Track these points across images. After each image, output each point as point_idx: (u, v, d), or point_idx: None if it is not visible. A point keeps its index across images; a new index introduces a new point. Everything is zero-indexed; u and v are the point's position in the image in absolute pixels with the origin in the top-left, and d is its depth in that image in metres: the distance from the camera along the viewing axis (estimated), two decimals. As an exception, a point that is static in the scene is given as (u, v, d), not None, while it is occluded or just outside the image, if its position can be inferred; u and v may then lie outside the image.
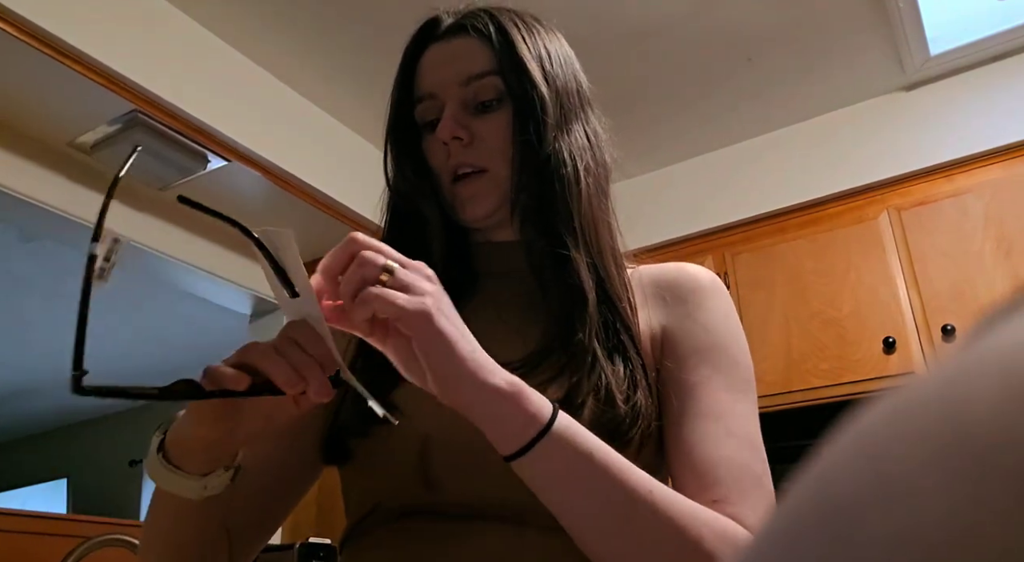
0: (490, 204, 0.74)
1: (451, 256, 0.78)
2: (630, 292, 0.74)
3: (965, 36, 2.56)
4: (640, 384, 0.66)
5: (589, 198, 0.74)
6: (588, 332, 0.66)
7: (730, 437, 0.66)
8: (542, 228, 0.72)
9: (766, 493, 0.65)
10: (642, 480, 0.56)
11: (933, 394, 0.15)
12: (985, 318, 0.18)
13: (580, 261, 0.70)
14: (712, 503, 0.62)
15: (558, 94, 0.76)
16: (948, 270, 2.45)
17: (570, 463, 0.54)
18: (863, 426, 0.16)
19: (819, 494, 0.15)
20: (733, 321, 0.77)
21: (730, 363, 0.72)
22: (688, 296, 0.75)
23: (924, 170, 2.64)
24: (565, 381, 0.64)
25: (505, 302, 0.75)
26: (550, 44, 0.80)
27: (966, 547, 0.12)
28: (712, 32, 2.51)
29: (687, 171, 3.15)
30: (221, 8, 2.36)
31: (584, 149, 0.75)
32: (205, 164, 2.45)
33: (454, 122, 0.73)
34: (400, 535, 0.65)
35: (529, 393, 0.54)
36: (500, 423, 0.53)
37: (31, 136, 2.28)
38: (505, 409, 0.53)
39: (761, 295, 2.75)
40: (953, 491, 0.13)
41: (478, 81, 0.74)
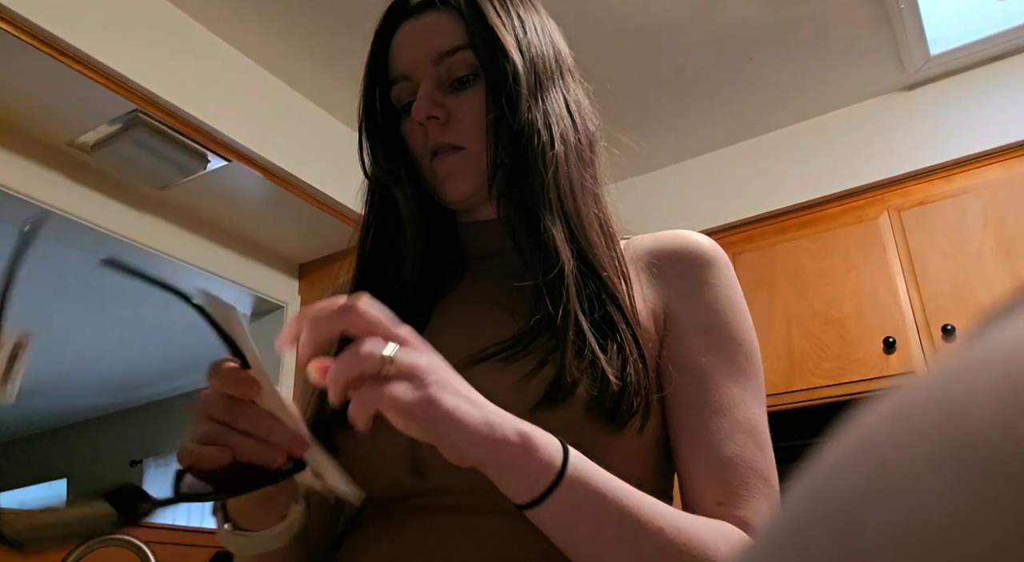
0: (469, 182, 0.73)
1: (438, 238, 0.76)
2: (622, 262, 0.71)
3: (965, 36, 2.56)
4: (631, 357, 0.64)
5: (567, 167, 0.71)
6: (570, 307, 0.64)
7: (736, 432, 0.65)
8: (518, 202, 0.70)
9: (771, 490, 0.64)
10: (654, 514, 0.55)
11: (933, 394, 0.15)
12: (985, 318, 0.18)
13: (556, 232, 0.67)
14: (718, 506, 0.61)
15: (533, 63, 0.73)
16: (948, 270, 2.45)
17: (584, 506, 0.53)
18: (864, 425, 0.16)
19: (820, 493, 0.15)
20: (736, 294, 0.74)
21: (735, 346, 0.70)
22: (689, 269, 0.73)
23: (924, 170, 2.64)
24: (556, 361, 0.62)
25: (494, 280, 0.73)
26: (524, 12, 0.77)
27: (966, 546, 0.12)
28: (713, 32, 2.51)
29: (687, 171, 3.15)
30: (222, 8, 2.36)
31: (561, 117, 0.73)
32: (205, 164, 2.45)
33: (428, 102, 0.71)
34: (394, 527, 0.64)
35: (539, 441, 0.52)
36: (512, 475, 0.52)
37: (31, 136, 2.28)
38: (516, 461, 0.51)
39: (762, 295, 2.75)
40: (953, 490, 0.13)
41: (450, 57, 0.72)
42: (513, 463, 0.51)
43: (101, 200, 2.45)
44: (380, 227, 0.77)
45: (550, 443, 0.53)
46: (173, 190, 2.56)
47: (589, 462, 0.55)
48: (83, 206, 2.37)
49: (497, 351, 0.64)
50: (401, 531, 0.64)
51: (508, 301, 0.69)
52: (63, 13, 1.99)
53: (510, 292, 0.69)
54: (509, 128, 0.70)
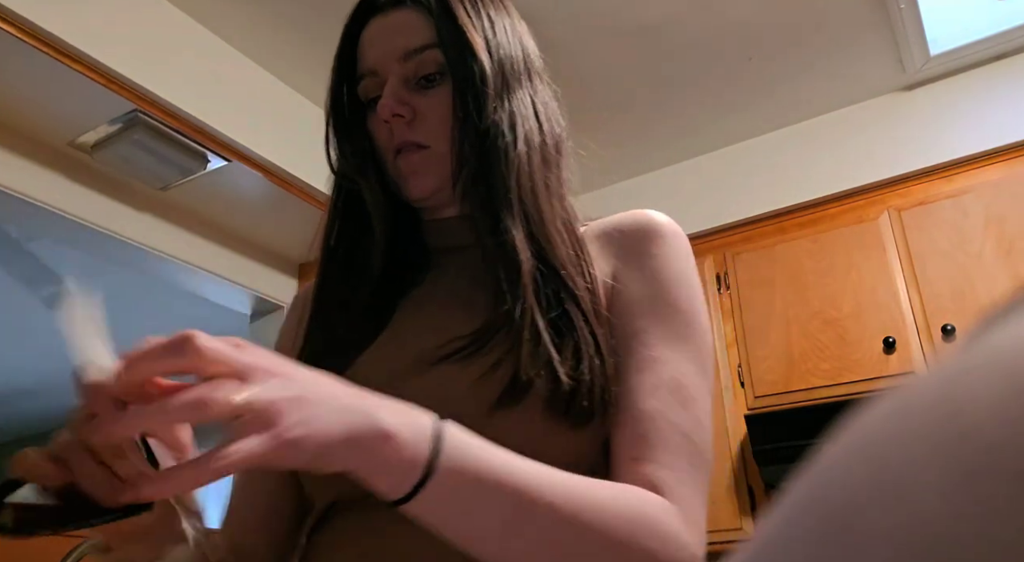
0: (433, 180, 0.73)
1: (402, 234, 0.76)
2: (586, 262, 0.70)
3: (965, 36, 2.56)
4: (585, 354, 0.62)
5: (530, 168, 0.71)
6: (527, 305, 0.63)
7: (660, 390, 0.63)
8: (481, 201, 0.69)
9: (694, 448, 0.62)
10: (543, 490, 0.52)
11: (933, 394, 0.15)
12: (985, 318, 0.18)
13: (516, 232, 0.67)
14: (633, 460, 0.60)
15: (500, 64, 0.73)
16: (948, 270, 2.45)
17: (459, 497, 0.50)
18: (864, 426, 0.16)
19: (819, 493, 0.15)
20: (683, 265, 0.72)
21: (671, 311, 0.68)
22: (636, 242, 0.73)
23: (924, 170, 2.65)
24: (512, 361, 0.61)
25: (457, 278, 0.73)
26: (495, 13, 0.77)
27: (965, 546, 0.12)
28: (712, 32, 2.51)
29: (687, 171, 3.15)
30: (222, 8, 2.36)
31: (527, 119, 0.73)
32: (205, 164, 2.45)
33: (394, 100, 0.71)
34: (368, 525, 0.63)
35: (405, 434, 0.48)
36: (376, 477, 0.49)
37: (31, 136, 2.28)
38: (379, 465, 0.48)
39: (761, 295, 2.75)
40: (953, 490, 0.13)
41: (417, 55, 0.72)
42: (375, 467, 0.48)
43: (101, 200, 2.45)
44: (346, 222, 0.76)
45: (418, 435, 0.49)
46: (173, 190, 2.56)
47: (471, 446, 0.51)
48: (83, 206, 2.37)
49: (454, 351, 0.63)
50: (376, 529, 0.62)
51: (469, 299, 0.69)
52: (63, 13, 1.99)
53: (472, 290, 0.69)
54: (475, 128, 0.70)
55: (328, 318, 0.74)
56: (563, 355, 0.62)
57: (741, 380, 2.69)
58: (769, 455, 2.47)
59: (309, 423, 0.45)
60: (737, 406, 2.66)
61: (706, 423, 0.65)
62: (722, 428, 2.65)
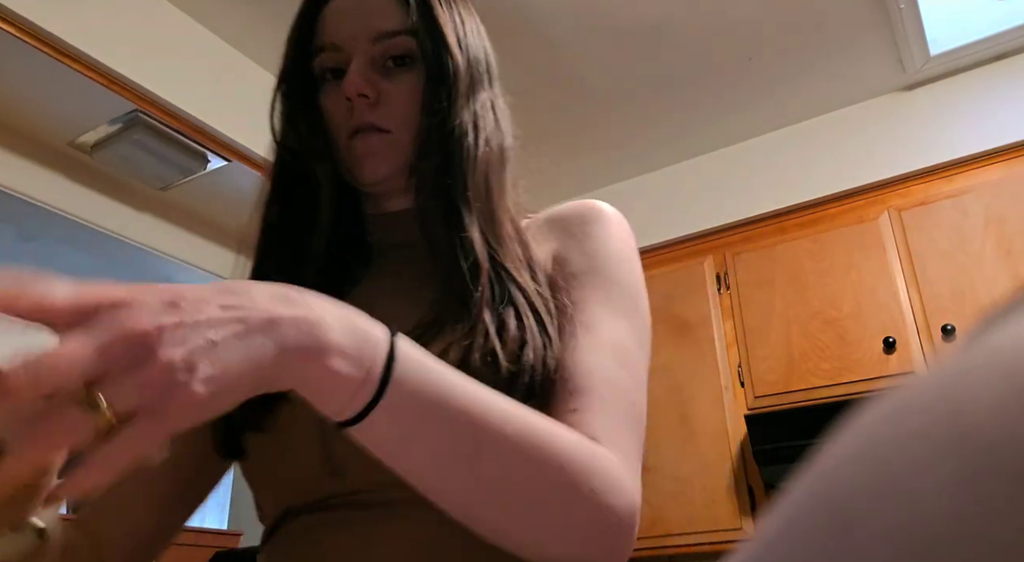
0: (389, 166, 0.71)
1: (344, 230, 0.74)
2: (529, 252, 0.71)
3: (965, 36, 2.56)
4: (531, 342, 0.62)
5: (488, 168, 0.71)
6: (477, 299, 0.63)
7: (600, 348, 0.63)
8: (437, 195, 0.69)
9: (629, 404, 0.62)
10: (494, 413, 0.50)
11: (933, 394, 0.15)
12: (985, 318, 0.18)
13: (473, 228, 0.67)
14: (571, 412, 0.59)
15: (469, 64, 0.73)
16: (948, 270, 2.45)
17: (412, 419, 0.47)
18: (864, 425, 0.16)
19: (820, 493, 0.15)
20: (622, 245, 0.73)
21: (610, 284, 0.69)
22: (573, 228, 0.73)
23: (924, 170, 2.65)
24: (460, 350, 0.60)
25: (400, 273, 0.72)
26: (465, 13, 0.76)
27: (966, 545, 0.12)
28: (712, 32, 2.51)
29: (687, 171, 3.15)
30: (222, 8, 2.36)
31: (487, 120, 0.73)
32: (205, 164, 2.45)
33: (362, 78, 0.69)
34: (316, 533, 0.62)
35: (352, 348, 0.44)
36: (322, 398, 0.44)
37: (31, 136, 2.28)
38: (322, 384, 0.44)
39: (761, 295, 2.75)
40: (953, 490, 0.13)
41: (389, 39, 0.71)
42: (319, 386, 0.43)
43: (101, 200, 2.45)
44: (288, 200, 0.74)
45: (368, 348, 0.45)
46: (173, 190, 2.56)
47: (423, 358, 0.48)
48: (83, 206, 2.37)
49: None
50: (324, 537, 0.61)
51: (416, 293, 0.68)
52: (63, 13, 1.99)
53: (417, 285, 0.69)
54: (442, 123, 0.70)
55: None
56: (507, 347, 0.61)
57: (741, 380, 2.69)
58: (769, 455, 2.47)
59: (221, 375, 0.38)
60: (737, 406, 2.66)
61: (642, 387, 0.65)
62: (722, 428, 2.65)
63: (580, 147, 3.02)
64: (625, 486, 0.55)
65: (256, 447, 0.65)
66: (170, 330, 0.37)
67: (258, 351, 0.40)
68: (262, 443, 0.65)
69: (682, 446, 2.69)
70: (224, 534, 3.05)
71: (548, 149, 2.98)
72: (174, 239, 2.63)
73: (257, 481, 0.68)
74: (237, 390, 0.40)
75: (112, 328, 0.36)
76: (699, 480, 2.62)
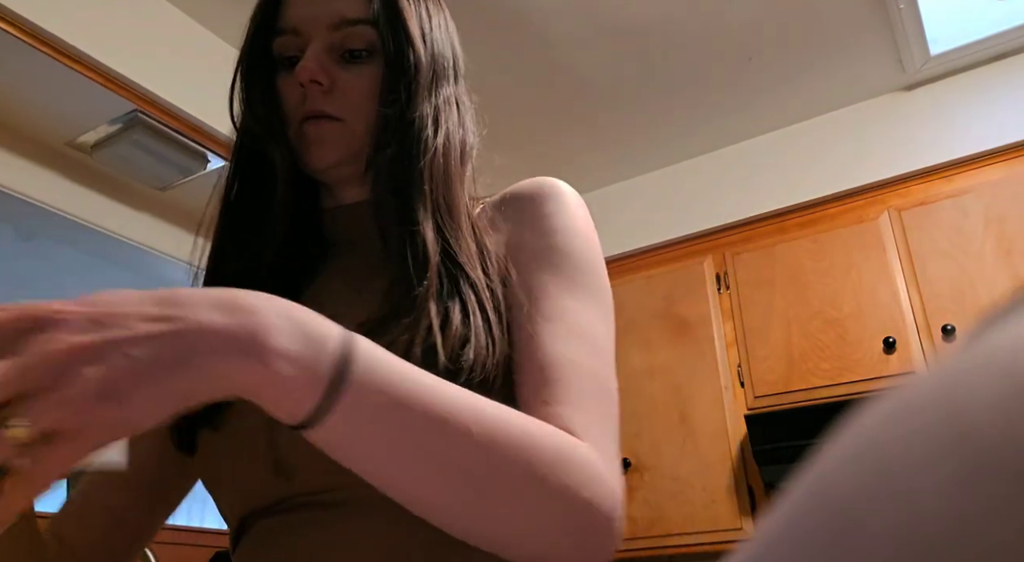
0: (338, 153, 0.70)
1: (304, 223, 0.74)
2: (484, 245, 0.69)
3: (965, 36, 2.56)
4: (474, 342, 0.60)
5: (446, 163, 0.70)
6: (424, 294, 0.62)
7: (569, 336, 0.62)
8: (393, 188, 0.68)
9: (603, 391, 0.61)
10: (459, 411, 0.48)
11: (933, 394, 0.15)
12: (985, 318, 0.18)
13: (427, 223, 0.66)
14: (543, 404, 0.58)
15: (433, 58, 0.72)
16: (948, 270, 2.45)
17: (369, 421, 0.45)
18: (864, 425, 0.16)
19: (820, 493, 0.15)
20: (575, 219, 0.71)
21: (570, 265, 0.67)
22: (527, 205, 0.72)
23: (924, 170, 2.65)
24: (403, 345, 0.58)
25: (353, 267, 0.71)
26: (433, 8, 0.76)
27: (966, 546, 0.12)
28: (712, 32, 2.52)
29: (687, 170, 3.15)
30: (222, 8, 2.36)
31: (449, 116, 0.72)
32: (205, 164, 2.45)
33: (316, 65, 0.68)
34: (269, 538, 0.61)
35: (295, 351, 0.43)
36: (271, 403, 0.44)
37: (31, 136, 2.28)
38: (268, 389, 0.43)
39: (761, 295, 2.75)
40: (953, 490, 0.13)
41: (350, 27, 0.70)
42: (266, 393, 0.43)
43: (101, 200, 2.45)
44: (246, 183, 0.73)
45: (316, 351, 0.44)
46: (173, 190, 2.56)
47: (380, 363, 0.47)
48: (83, 206, 2.37)
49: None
50: (276, 541, 0.60)
51: (367, 288, 0.67)
52: (63, 13, 1.99)
53: (369, 279, 0.68)
54: (400, 115, 0.69)
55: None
56: (448, 343, 0.60)
57: (741, 380, 2.69)
58: (769, 455, 2.47)
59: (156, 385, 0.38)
60: (737, 406, 2.66)
61: (612, 370, 0.64)
62: (722, 428, 2.65)
63: (580, 147, 3.02)
64: (604, 479, 0.54)
65: (207, 446, 0.64)
66: (90, 349, 0.38)
67: (186, 364, 0.40)
68: (213, 442, 0.64)
69: (682, 446, 2.69)
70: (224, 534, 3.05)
71: (548, 149, 2.98)
72: (174, 239, 2.63)
73: (209, 481, 0.67)
74: (164, 404, 0.39)
75: (32, 349, 0.37)
76: (699, 480, 2.62)
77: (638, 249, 3.02)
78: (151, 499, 0.72)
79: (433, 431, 0.47)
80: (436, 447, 0.47)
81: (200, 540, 2.58)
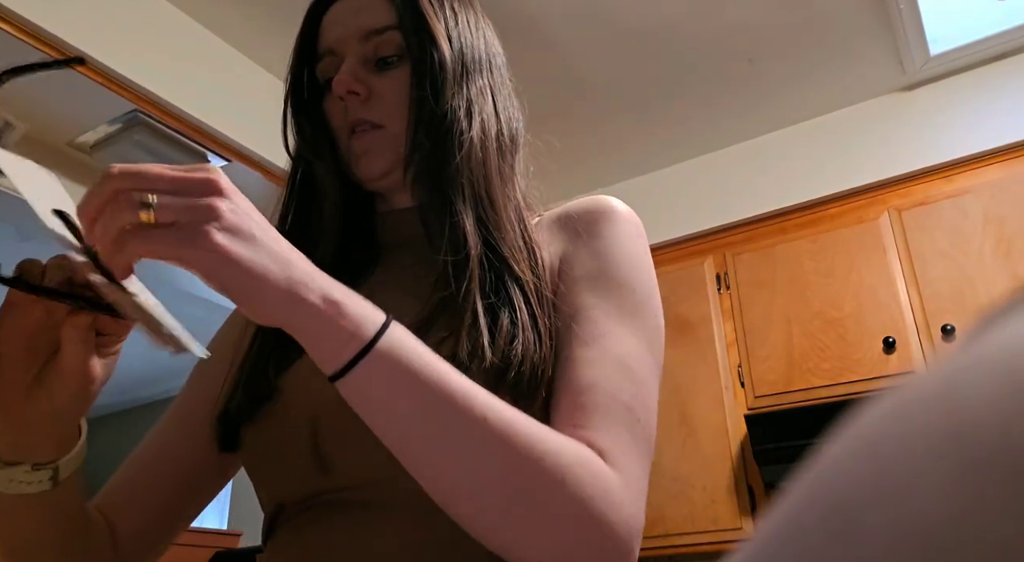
0: (385, 161, 0.72)
1: (355, 230, 0.76)
2: (531, 244, 0.70)
3: (965, 36, 2.56)
4: (520, 338, 0.61)
5: (484, 155, 0.71)
6: (471, 287, 0.63)
7: (604, 361, 0.62)
8: (432, 185, 0.69)
9: (636, 422, 0.61)
10: (480, 404, 0.51)
11: (933, 393, 0.15)
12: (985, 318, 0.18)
13: (466, 216, 0.67)
14: (574, 428, 0.58)
15: (461, 53, 0.73)
16: (948, 270, 2.45)
17: (395, 383, 0.49)
18: (863, 425, 0.16)
19: (820, 493, 0.15)
20: (632, 244, 0.72)
21: (619, 287, 0.67)
22: (585, 224, 0.72)
23: (924, 170, 2.65)
24: (451, 342, 0.60)
25: (405, 269, 0.73)
26: (459, 7, 0.77)
27: (965, 545, 0.12)
28: (713, 33, 2.52)
29: (688, 171, 3.15)
30: (222, 8, 2.36)
31: (483, 108, 0.73)
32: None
33: (350, 76, 0.71)
34: (304, 530, 0.62)
35: (350, 308, 0.49)
36: (316, 341, 0.49)
37: (31, 136, 2.28)
38: (320, 327, 0.48)
39: (762, 295, 2.75)
40: (953, 489, 0.13)
41: (378, 36, 0.72)
42: (316, 328, 0.48)
43: (101, 200, 2.45)
44: (301, 204, 0.76)
45: (366, 314, 0.50)
46: (173, 190, 2.56)
47: (416, 342, 0.52)
48: (83, 206, 2.37)
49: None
50: (310, 534, 0.61)
51: (416, 289, 0.68)
52: (63, 13, 1.99)
53: (419, 280, 0.69)
54: (431, 112, 0.70)
55: None
56: (496, 339, 0.61)
57: (741, 380, 2.69)
58: (769, 455, 2.47)
59: (244, 250, 0.46)
60: (737, 406, 2.66)
61: (650, 401, 0.64)
62: (722, 428, 2.65)
63: (581, 148, 3.02)
64: (622, 499, 0.54)
65: (251, 439, 0.66)
66: (237, 204, 0.48)
67: (277, 270, 0.47)
68: (256, 436, 0.66)
69: (682, 446, 2.70)
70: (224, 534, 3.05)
71: (548, 149, 2.98)
72: (174, 239, 2.63)
73: (253, 473, 0.69)
74: (244, 281, 0.46)
75: (201, 169, 0.49)
76: (699, 480, 2.62)
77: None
78: (196, 485, 0.74)
79: (448, 410, 0.50)
80: (450, 425, 0.50)
81: (200, 540, 2.58)
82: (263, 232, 0.48)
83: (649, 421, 0.63)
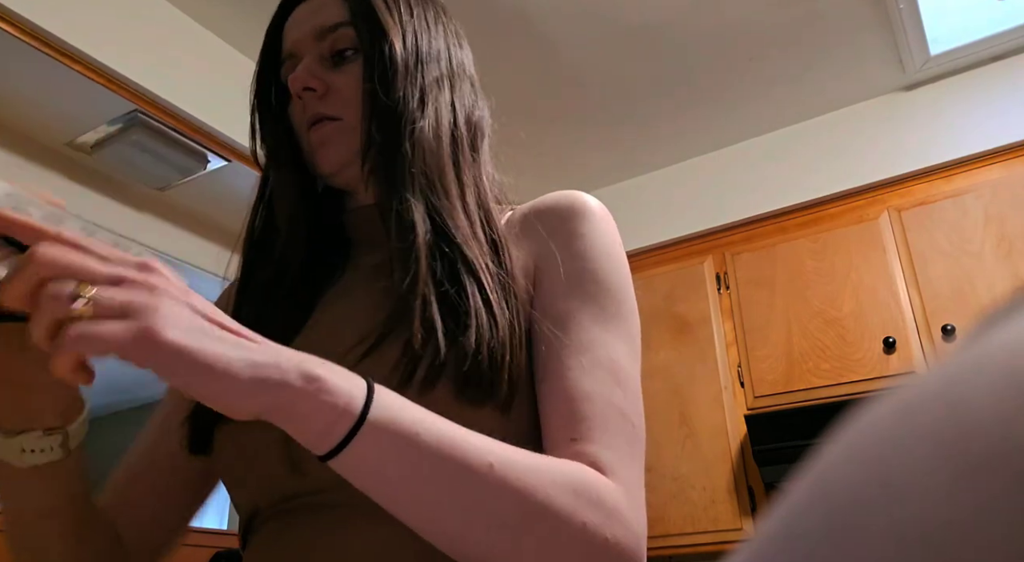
0: (342, 152, 0.72)
1: (323, 227, 0.76)
2: (496, 233, 0.69)
3: (965, 36, 2.56)
4: (473, 327, 0.60)
5: (437, 144, 0.70)
6: (418, 278, 0.62)
7: (596, 369, 0.62)
8: (386, 176, 0.69)
9: (632, 428, 0.61)
10: (480, 451, 0.51)
11: (934, 394, 0.15)
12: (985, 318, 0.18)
13: (417, 205, 0.66)
14: (571, 441, 0.58)
15: (416, 46, 0.74)
16: (948, 270, 2.45)
17: (392, 451, 0.48)
18: (864, 426, 0.16)
19: (821, 492, 0.15)
20: (608, 243, 0.71)
21: (603, 290, 0.67)
22: (559, 223, 0.71)
23: (924, 170, 2.65)
24: (406, 358, 0.59)
25: (370, 271, 0.72)
26: (415, 4, 0.78)
27: (966, 545, 0.12)
28: (713, 32, 2.52)
29: (688, 171, 3.15)
30: (222, 8, 2.36)
31: (437, 98, 0.73)
32: (205, 164, 2.45)
33: (305, 73, 0.71)
34: (279, 534, 0.62)
35: (333, 383, 0.47)
36: (304, 423, 0.46)
37: (31, 136, 2.28)
38: (303, 408, 0.46)
39: (762, 295, 2.75)
40: (954, 489, 0.13)
41: (332, 33, 0.73)
42: (300, 411, 0.46)
43: (101, 200, 2.45)
44: (267, 210, 0.76)
45: (348, 386, 0.48)
46: (173, 190, 2.56)
47: (402, 401, 0.50)
48: (83, 206, 2.37)
49: (368, 347, 0.62)
50: (288, 537, 0.61)
51: (378, 284, 0.67)
52: (63, 13, 1.99)
53: (381, 281, 0.68)
54: (383, 104, 0.70)
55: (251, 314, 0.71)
56: (448, 327, 0.60)
57: (741, 380, 2.69)
58: (769, 455, 2.47)
59: (192, 338, 0.43)
60: (737, 406, 2.66)
61: (639, 404, 0.64)
62: (722, 428, 2.65)
63: (580, 147, 3.02)
64: (627, 518, 0.54)
65: (223, 443, 0.66)
66: (180, 290, 0.46)
67: (237, 357, 0.45)
68: (228, 439, 0.65)
69: (682, 446, 2.69)
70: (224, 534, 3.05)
71: (548, 149, 2.98)
72: (174, 239, 2.63)
73: (226, 477, 0.68)
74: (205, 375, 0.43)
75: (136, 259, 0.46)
76: (699, 480, 2.62)
77: (638, 249, 3.02)
78: (196, 483, 0.74)
79: (457, 466, 0.50)
80: (459, 481, 0.50)
81: (200, 540, 2.58)
82: (215, 317, 0.46)
83: (641, 423, 0.63)
